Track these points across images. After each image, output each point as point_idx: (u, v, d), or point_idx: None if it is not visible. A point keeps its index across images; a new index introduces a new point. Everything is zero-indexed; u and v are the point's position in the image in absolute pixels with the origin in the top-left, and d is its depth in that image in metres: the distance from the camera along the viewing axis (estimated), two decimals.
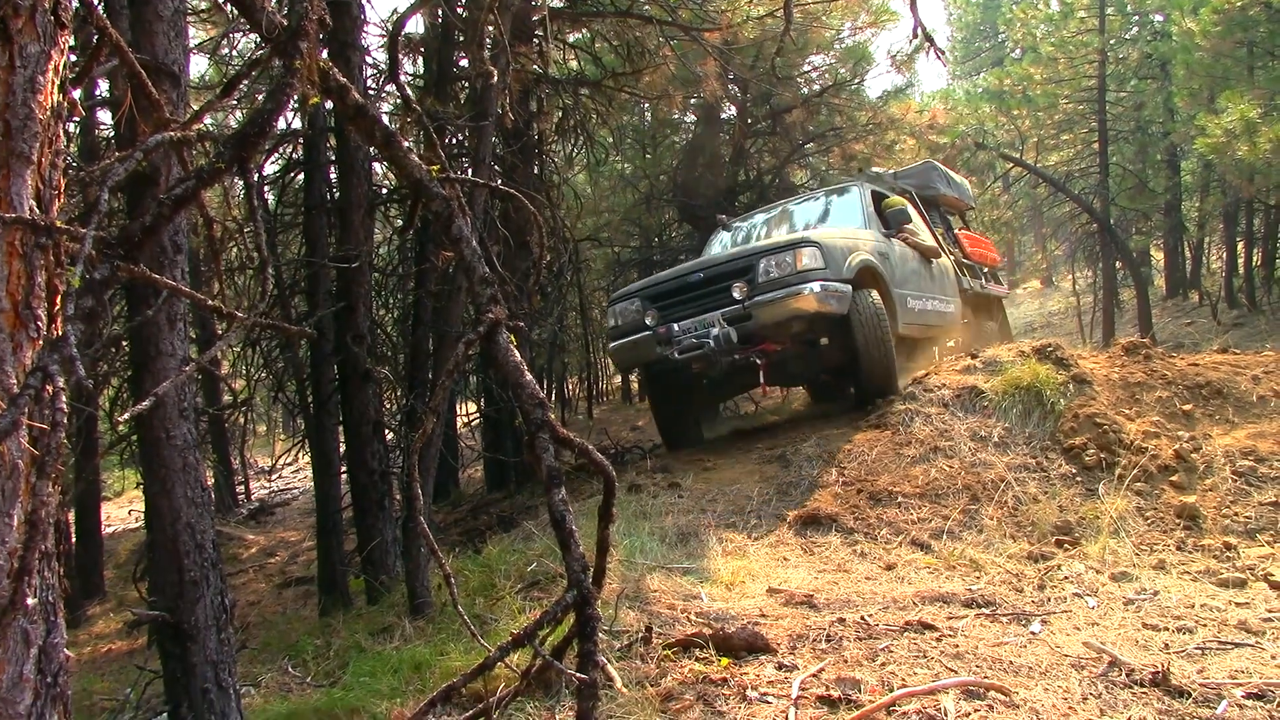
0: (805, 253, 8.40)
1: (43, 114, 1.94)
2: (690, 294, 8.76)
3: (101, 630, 11.31)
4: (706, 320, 8.40)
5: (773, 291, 8.32)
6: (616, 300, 9.52)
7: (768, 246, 8.71)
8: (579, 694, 1.98)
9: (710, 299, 8.61)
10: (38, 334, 1.88)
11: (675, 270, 9.51)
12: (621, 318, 9.25)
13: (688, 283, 8.82)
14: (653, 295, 9.08)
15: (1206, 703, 3.76)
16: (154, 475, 4.40)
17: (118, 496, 21.57)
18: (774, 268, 8.41)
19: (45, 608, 1.95)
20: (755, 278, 8.45)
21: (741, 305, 8.37)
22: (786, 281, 8.32)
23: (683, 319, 8.61)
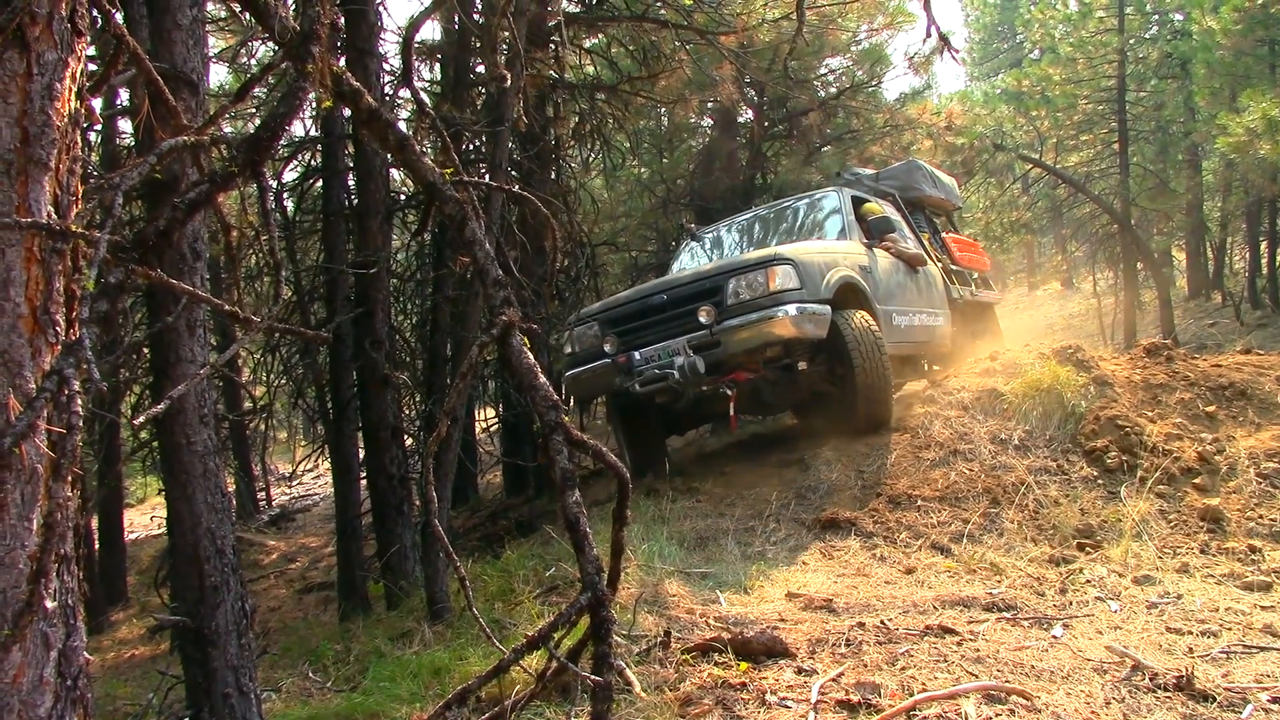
0: (778, 271, 7.60)
1: (60, 121, 1.95)
2: (652, 318, 7.96)
3: (125, 636, 11.38)
4: (670, 348, 7.61)
5: (743, 315, 7.53)
6: (573, 324, 8.62)
7: (736, 265, 7.89)
8: (593, 696, 1.98)
9: (674, 323, 7.81)
10: (56, 339, 1.90)
11: (636, 291, 8.66)
12: (579, 343, 8.37)
13: (649, 305, 8.01)
14: (612, 319, 8.22)
15: (1231, 707, 3.72)
16: (175, 481, 4.42)
17: (140, 503, 21.70)
18: (744, 289, 7.62)
19: (65, 611, 1.96)
20: (724, 300, 7.65)
21: (709, 331, 7.57)
22: (758, 304, 7.53)
23: (644, 346, 7.81)
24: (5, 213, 1.78)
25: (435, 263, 10.45)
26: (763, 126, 16.07)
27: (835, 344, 7.83)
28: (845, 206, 9.60)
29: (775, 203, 10.63)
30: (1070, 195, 25.86)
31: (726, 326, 7.53)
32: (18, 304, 1.86)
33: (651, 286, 8.33)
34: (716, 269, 8.00)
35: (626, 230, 17.32)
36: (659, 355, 7.63)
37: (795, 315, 7.45)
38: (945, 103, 21.64)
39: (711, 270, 8.05)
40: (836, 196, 9.79)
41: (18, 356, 1.85)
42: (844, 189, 10.14)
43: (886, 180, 11.32)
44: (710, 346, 7.53)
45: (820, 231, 9.35)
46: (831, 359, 8.02)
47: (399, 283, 11.23)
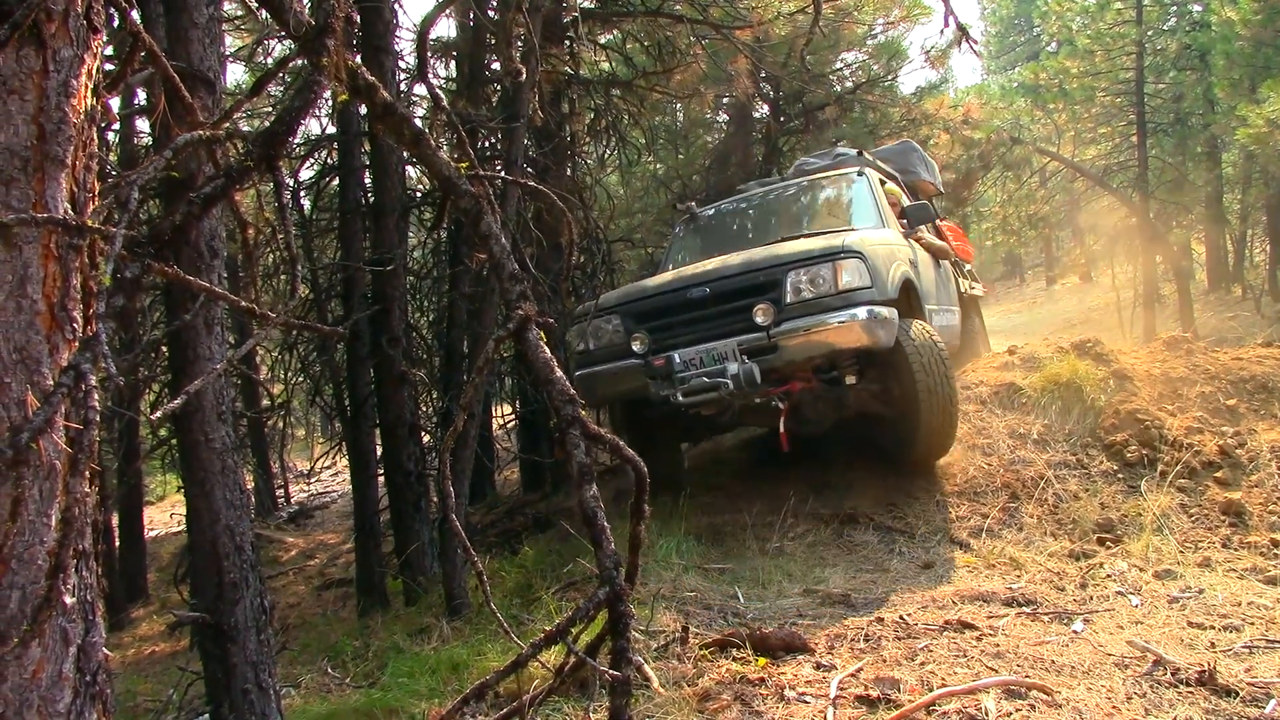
0: (847, 266, 6.46)
1: (76, 118, 1.95)
2: (692, 314, 6.78)
3: (145, 632, 11.45)
4: (718, 351, 6.54)
5: (806, 317, 6.43)
6: (590, 316, 7.28)
7: (798, 256, 6.62)
8: (612, 691, 1.97)
9: (719, 322, 6.68)
10: (74, 335, 1.90)
11: (669, 281, 7.20)
12: (596, 339, 7.15)
13: (689, 299, 6.78)
14: (640, 313, 6.99)
15: (1254, 702, 3.69)
16: (193, 478, 4.44)
17: (160, 501, 21.84)
18: (806, 284, 6.49)
19: (84, 606, 1.96)
20: (781, 297, 6.50)
21: (765, 334, 6.46)
22: (824, 304, 6.44)
23: (683, 346, 6.70)
24: (22, 209, 1.79)
25: (452, 260, 10.47)
26: (778, 121, 16.02)
27: (892, 357, 6.72)
28: (877, 190, 8.47)
29: (792, 180, 9.27)
30: (1088, 188, 25.74)
31: (786, 329, 6.42)
32: (35, 301, 1.86)
33: (690, 277, 6.98)
34: (772, 259, 6.71)
35: (642, 226, 17.31)
36: (705, 359, 6.57)
37: (867, 320, 6.36)
38: (962, 97, 21.54)
39: (765, 260, 6.75)
40: (866, 179, 8.57)
41: (35, 353, 1.85)
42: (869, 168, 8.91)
43: (879, 161, 10.09)
44: (765, 352, 6.46)
45: (848, 217, 8.13)
46: (884, 374, 6.94)
47: (415, 280, 11.25)
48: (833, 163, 9.70)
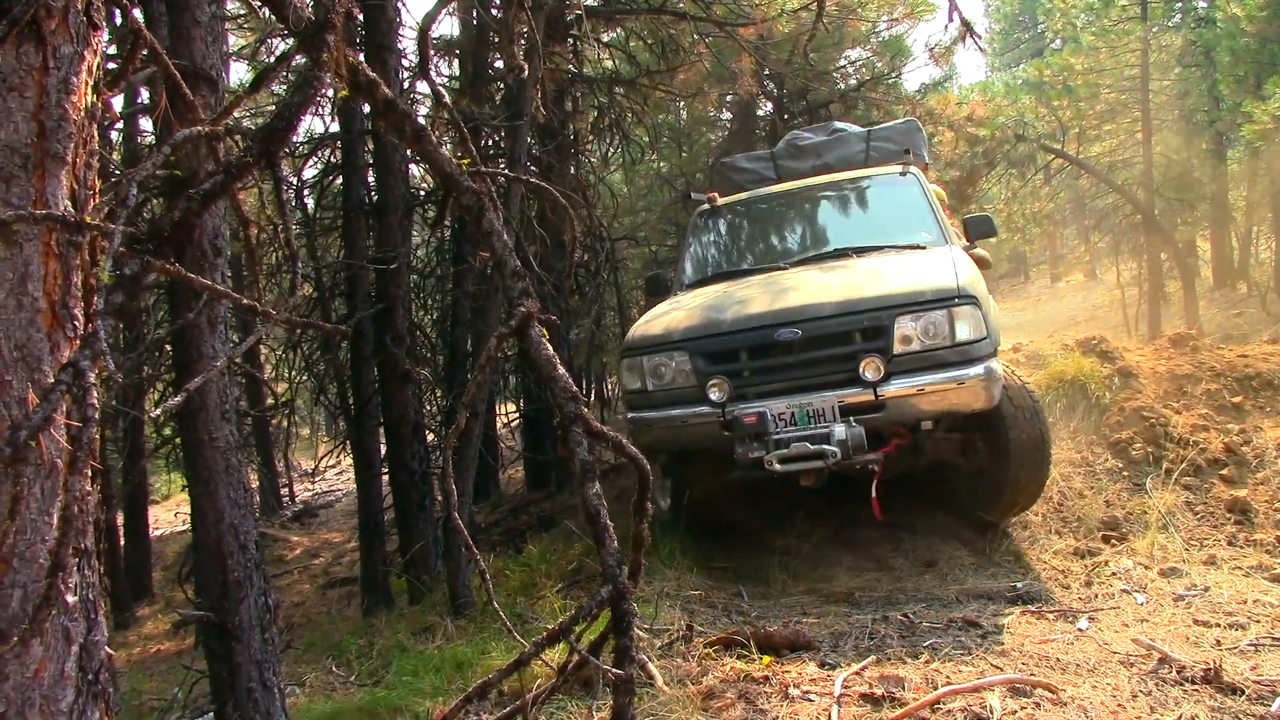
0: (964, 314, 5.58)
1: (76, 115, 1.95)
2: (778, 358, 5.78)
3: (150, 631, 11.46)
4: (815, 408, 5.58)
5: (919, 373, 5.55)
6: (643, 348, 6.15)
7: (907, 299, 5.64)
8: (615, 690, 1.96)
9: (812, 370, 5.72)
10: (74, 333, 1.90)
11: (747, 317, 5.95)
12: (655, 377, 6.07)
13: (775, 340, 5.72)
14: (714, 352, 5.91)
15: (1260, 700, 3.68)
16: (197, 477, 4.43)
17: (165, 500, 21.87)
18: (918, 333, 5.58)
19: (86, 605, 1.96)
20: (888, 346, 5.57)
21: (873, 391, 5.53)
22: (939, 358, 5.55)
23: (768, 397, 5.74)
24: (22, 206, 1.78)
25: (455, 258, 10.46)
26: (782, 119, 15.99)
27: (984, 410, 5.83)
28: (930, 193, 7.47)
29: (832, 179, 8.13)
30: (1093, 186, 25.68)
31: (897, 387, 5.55)
32: (36, 298, 1.86)
33: (771, 313, 5.85)
34: (877, 301, 5.68)
35: (646, 224, 17.29)
36: (798, 416, 5.62)
37: (987, 380, 5.55)
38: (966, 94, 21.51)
39: (867, 301, 5.70)
40: (916, 179, 7.57)
41: (36, 351, 1.85)
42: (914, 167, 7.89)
43: (880, 141, 9.23)
44: (868, 410, 5.58)
45: (909, 227, 7.10)
46: (969, 425, 6.21)
47: (419, 278, 11.24)
48: (830, 139, 9.12)
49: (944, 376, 5.51)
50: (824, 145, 9.09)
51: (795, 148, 9.22)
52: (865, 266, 6.38)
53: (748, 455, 5.65)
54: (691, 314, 6.25)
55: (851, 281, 6.04)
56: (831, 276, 6.25)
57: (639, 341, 6.20)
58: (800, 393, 5.69)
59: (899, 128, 9.45)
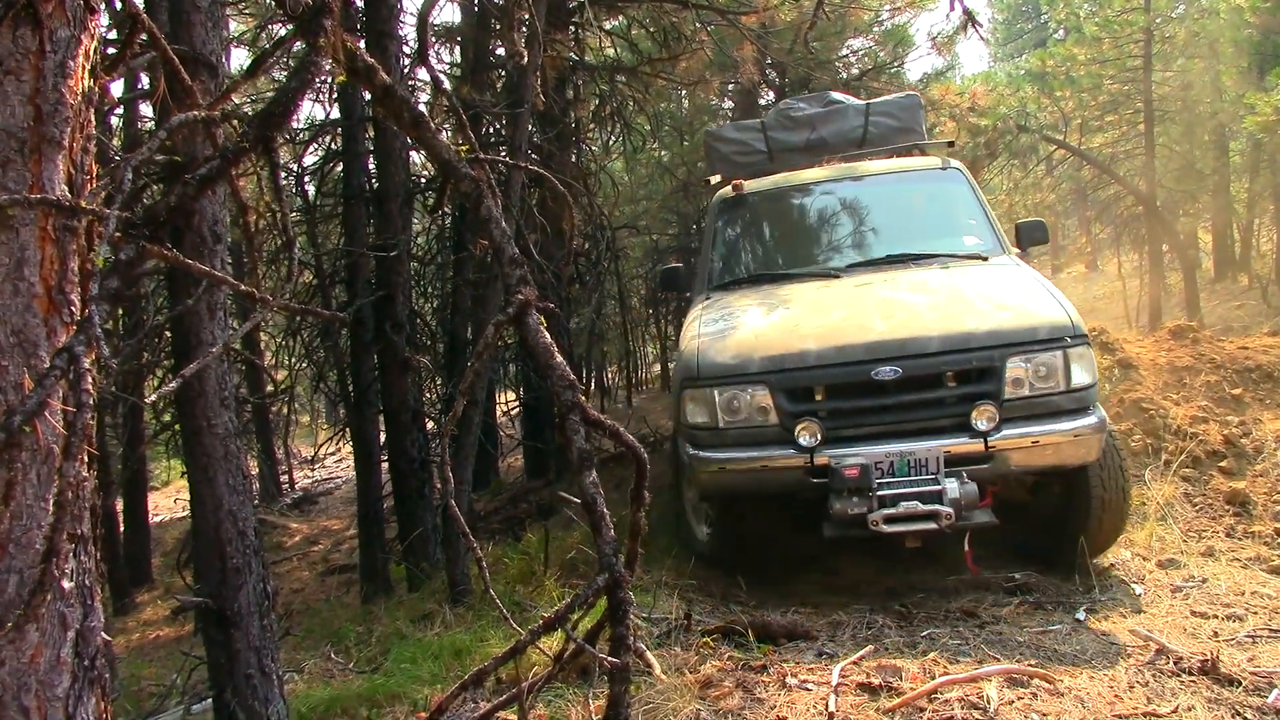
0: (1079, 356, 5.03)
1: (73, 99, 1.94)
2: (874, 399, 5.10)
3: (149, 617, 11.49)
4: (917, 458, 4.91)
5: (1032, 422, 4.97)
6: (714, 379, 5.31)
7: (1017, 335, 5.04)
8: (611, 678, 1.97)
9: (912, 415, 5.08)
10: (71, 318, 1.89)
11: (838, 349, 5.15)
12: (728, 413, 5.26)
13: (871, 380, 5.03)
14: (800, 388, 5.18)
15: (1257, 691, 3.69)
16: (196, 463, 4.43)
17: (165, 486, 21.90)
18: (1029, 375, 4.99)
19: (82, 591, 1.96)
20: (999, 389, 4.97)
21: (983, 441, 4.92)
22: (1053, 405, 4.99)
23: (860, 439, 5.07)
24: (18, 191, 1.77)
25: (455, 246, 10.45)
26: None
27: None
28: (980, 195, 6.92)
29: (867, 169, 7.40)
30: (1095, 177, 25.63)
31: (1010, 439, 4.93)
32: (32, 283, 1.85)
33: (871, 347, 5.11)
34: (986, 337, 5.04)
35: (647, 213, 17.28)
36: (901, 469, 4.93)
37: (1101, 430, 5.05)
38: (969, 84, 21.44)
39: (977, 336, 5.05)
40: (964, 177, 7.01)
41: (33, 336, 1.84)
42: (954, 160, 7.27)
43: (881, 116, 8.63)
44: (976, 462, 4.95)
45: (956, 233, 6.64)
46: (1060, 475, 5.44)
47: (419, 266, 11.24)
48: (826, 110, 8.56)
49: (1060, 428, 4.95)
50: (819, 117, 8.56)
51: (788, 119, 8.65)
52: (947, 286, 5.67)
53: (847, 511, 4.88)
54: (763, 337, 5.41)
55: (947, 309, 5.31)
56: (916, 298, 5.51)
57: (710, 371, 5.32)
58: (898, 439, 5.02)
59: (900, 102, 8.89)
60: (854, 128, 8.45)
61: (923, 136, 8.66)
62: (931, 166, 7.17)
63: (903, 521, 4.83)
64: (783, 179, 7.50)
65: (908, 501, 4.81)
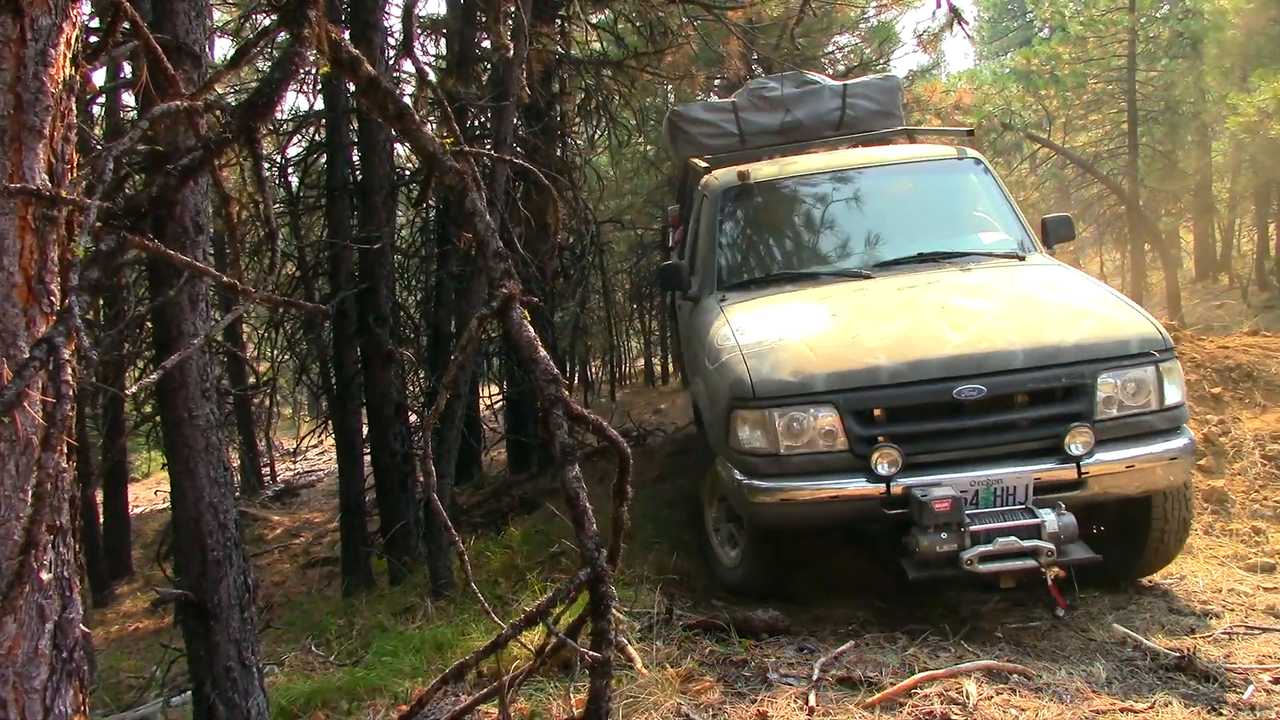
0: (1171, 370, 4.63)
1: (54, 88, 1.92)
2: (953, 421, 4.55)
3: (129, 609, 11.44)
4: (1004, 485, 4.41)
5: (1126, 444, 4.50)
6: (773, 398, 4.62)
7: (1108, 348, 4.57)
8: (592, 672, 1.97)
9: (995, 438, 4.53)
10: (50, 308, 1.88)
11: (912, 364, 4.57)
12: (790, 436, 4.59)
13: (951, 400, 4.48)
14: (867, 409, 4.56)
15: (1233, 687, 3.72)
16: (177, 455, 4.41)
17: (145, 478, 21.79)
18: (1119, 393, 4.52)
19: (60, 583, 1.95)
20: (1090, 409, 4.48)
21: (1077, 467, 4.43)
22: (1145, 425, 4.54)
23: (937, 465, 4.52)
24: None
25: (439, 239, 10.43)
26: None
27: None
28: (1004, 189, 6.46)
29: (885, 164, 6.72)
30: (1078, 175, 25.77)
31: (1104, 463, 4.46)
32: (11, 273, 1.84)
33: (949, 362, 4.55)
34: (1075, 351, 4.55)
35: (632, 208, 17.28)
36: (987, 499, 4.41)
37: (1192, 451, 4.67)
38: (954, 82, 21.54)
39: (1065, 349, 4.56)
40: (986, 169, 6.52)
41: (12, 326, 1.83)
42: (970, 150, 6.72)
43: (859, 98, 8.20)
44: (1067, 489, 4.46)
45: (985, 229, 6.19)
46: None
47: (403, 259, 11.21)
48: (801, 91, 8.20)
49: (1154, 450, 4.50)
50: (794, 99, 8.15)
51: (761, 99, 8.21)
52: (1009, 291, 5.22)
53: (935, 549, 4.26)
54: (822, 351, 4.77)
55: (1022, 318, 4.83)
56: (981, 304, 5.01)
57: (767, 389, 4.63)
58: (979, 465, 4.48)
59: (880, 85, 8.51)
60: (831, 110, 8.13)
61: (901, 121, 8.37)
62: (945, 156, 6.70)
63: (998, 559, 4.26)
64: (791, 167, 6.82)
65: (1004, 537, 4.25)
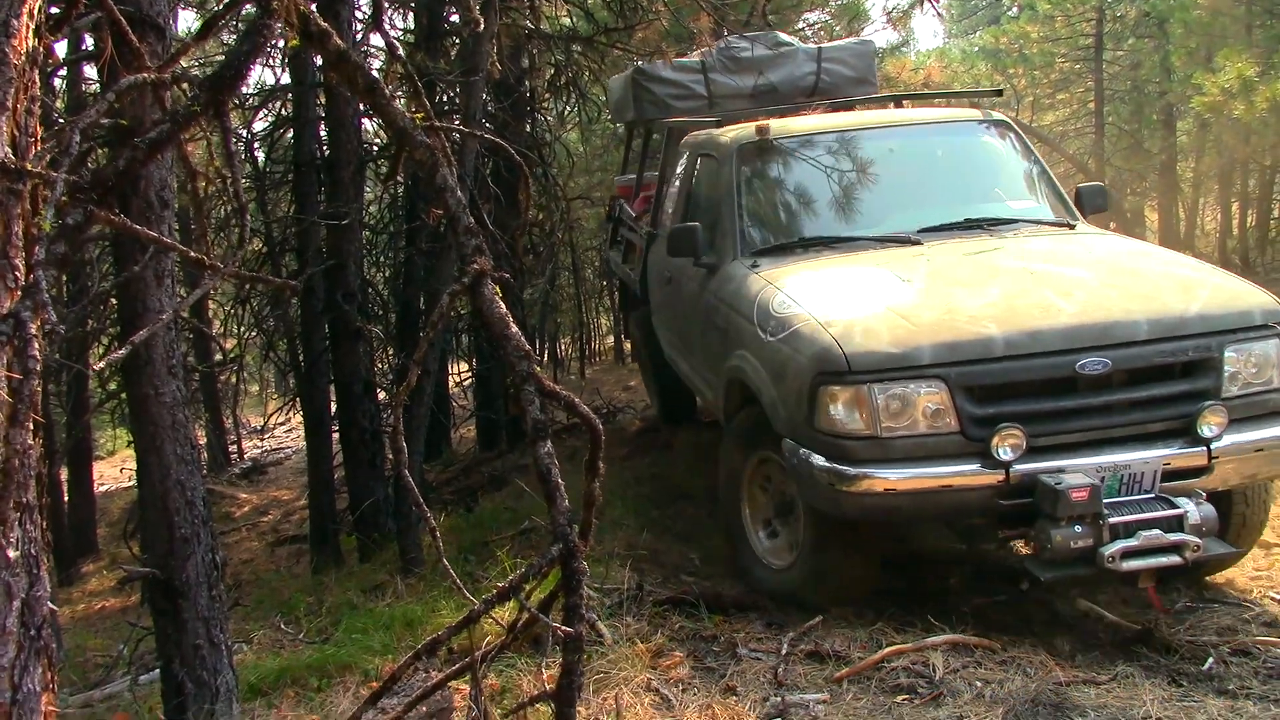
0: None
1: (17, 59, 1.89)
2: (1075, 399, 4.07)
3: (95, 588, 11.35)
4: (1133, 472, 3.97)
5: (1254, 428, 4.12)
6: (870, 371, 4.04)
7: (1233, 319, 4.17)
8: (564, 647, 1.98)
9: (1121, 415, 4.09)
10: (15, 284, 1.85)
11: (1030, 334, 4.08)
12: (891, 416, 4.02)
13: (1074, 374, 4.01)
14: (982, 385, 4.03)
15: (1194, 660, 3.79)
16: (143, 432, 4.37)
17: (111, 455, 21.57)
18: (1244, 368, 4.14)
19: (28, 560, 1.93)
20: (1217, 384, 4.08)
21: (1207, 451, 4.03)
22: (1268, 403, 4.19)
23: (1055, 449, 4.02)
24: None
25: (408, 215, 10.36)
26: None
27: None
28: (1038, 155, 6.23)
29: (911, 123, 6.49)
30: (1045, 154, 25.84)
31: (1234, 445, 4.06)
32: None
33: (1069, 333, 4.08)
34: (1200, 321, 4.15)
35: (602, 185, 17.19)
36: (1112, 487, 3.95)
37: None
38: (923, 60, 21.54)
39: (1190, 320, 4.15)
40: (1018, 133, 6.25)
41: None
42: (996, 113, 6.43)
43: (833, 63, 7.97)
44: (1195, 475, 4.05)
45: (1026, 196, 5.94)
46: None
47: (371, 235, 11.12)
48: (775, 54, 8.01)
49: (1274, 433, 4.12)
50: (767, 62, 7.94)
51: (732, 60, 8.00)
52: (1095, 258, 4.94)
53: (1069, 544, 3.79)
54: (919, 320, 4.26)
55: (1130, 286, 4.47)
56: (1076, 272, 4.66)
57: (865, 361, 4.06)
58: (1102, 449, 4.03)
59: (855, 49, 8.25)
60: (805, 74, 7.91)
61: (875, 88, 8.09)
62: (969, 118, 6.37)
63: (1141, 556, 3.83)
64: (815, 125, 6.35)
65: (1147, 530, 3.82)
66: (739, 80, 7.92)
